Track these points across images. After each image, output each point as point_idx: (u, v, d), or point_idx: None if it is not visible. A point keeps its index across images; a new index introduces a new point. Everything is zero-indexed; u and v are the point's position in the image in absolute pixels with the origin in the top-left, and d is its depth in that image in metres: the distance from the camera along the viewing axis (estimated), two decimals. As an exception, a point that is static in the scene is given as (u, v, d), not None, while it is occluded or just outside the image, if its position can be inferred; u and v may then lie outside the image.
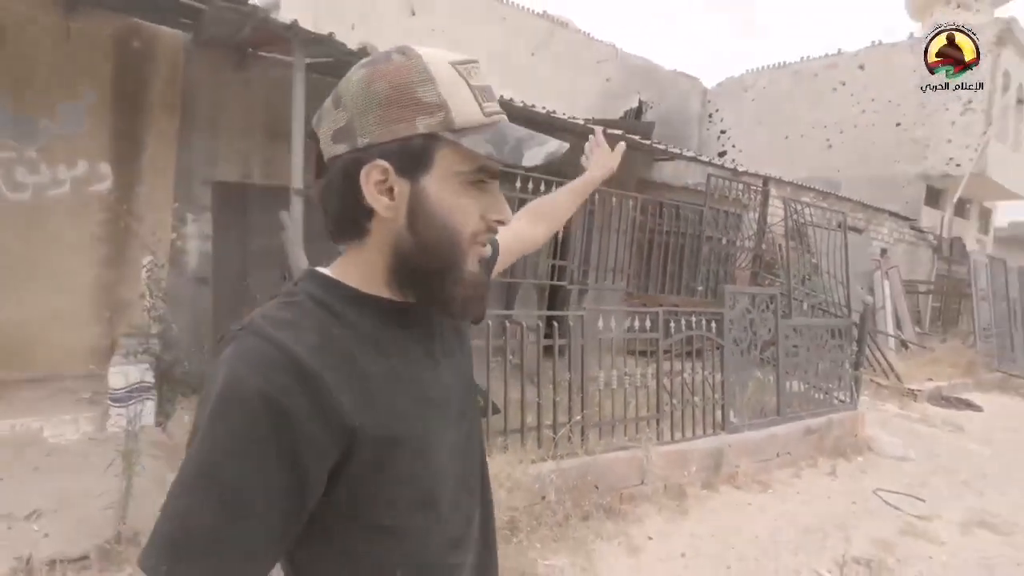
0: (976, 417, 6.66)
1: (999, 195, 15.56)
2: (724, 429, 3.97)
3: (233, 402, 0.51)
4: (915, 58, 14.28)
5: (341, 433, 0.54)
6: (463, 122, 0.57)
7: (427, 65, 0.57)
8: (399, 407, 0.59)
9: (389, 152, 0.57)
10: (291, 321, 0.56)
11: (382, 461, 0.57)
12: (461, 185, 0.59)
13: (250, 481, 0.51)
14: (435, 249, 0.59)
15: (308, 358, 0.53)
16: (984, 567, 3.14)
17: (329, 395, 0.53)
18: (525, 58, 12.47)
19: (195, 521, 0.50)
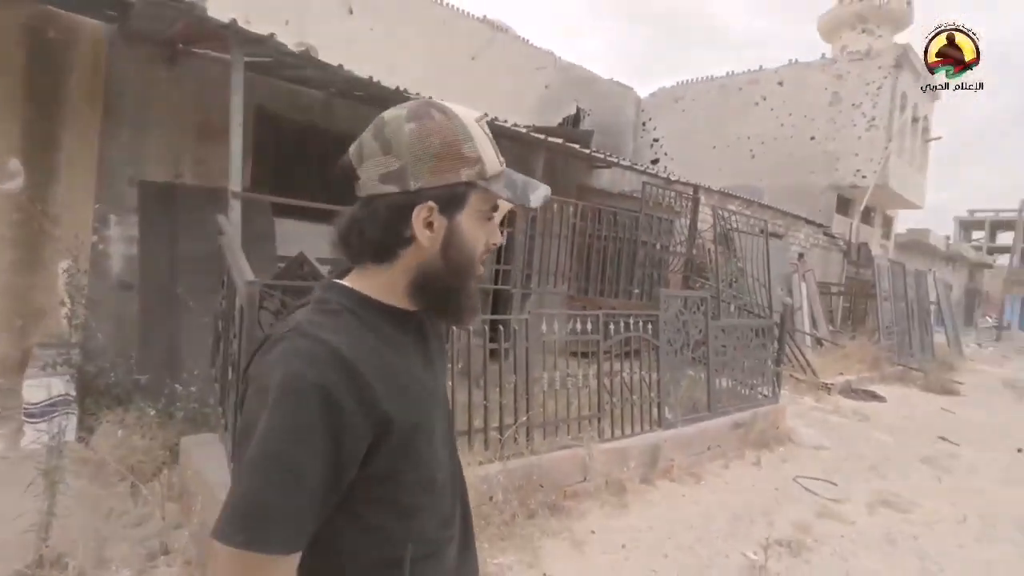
0: (880, 407, 7.32)
1: (898, 204, 17.11)
2: (660, 426, 4.18)
3: (292, 393, 0.62)
4: (826, 77, 15.50)
5: (377, 420, 0.65)
6: (493, 172, 0.73)
7: (465, 125, 0.71)
8: (416, 398, 0.72)
9: (438, 196, 0.70)
10: (330, 325, 0.68)
11: (405, 445, 0.69)
12: (480, 220, 0.74)
13: (307, 461, 0.62)
14: (461, 271, 0.74)
15: (350, 355, 0.65)
16: (888, 542, 3.49)
17: (369, 387, 0.65)
18: (465, 62, 12.50)
19: (264, 496, 0.61)
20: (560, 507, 3.28)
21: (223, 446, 2.89)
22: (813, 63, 15.93)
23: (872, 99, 14.61)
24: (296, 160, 5.17)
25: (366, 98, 4.57)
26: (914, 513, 4.00)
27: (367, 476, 0.67)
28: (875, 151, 14.43)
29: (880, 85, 14.53)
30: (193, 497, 2.69)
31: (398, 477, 0.70)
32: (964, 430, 6.70)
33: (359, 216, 0.72)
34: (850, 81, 14.98)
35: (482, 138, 0.72)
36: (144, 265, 4.22)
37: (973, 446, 6.04)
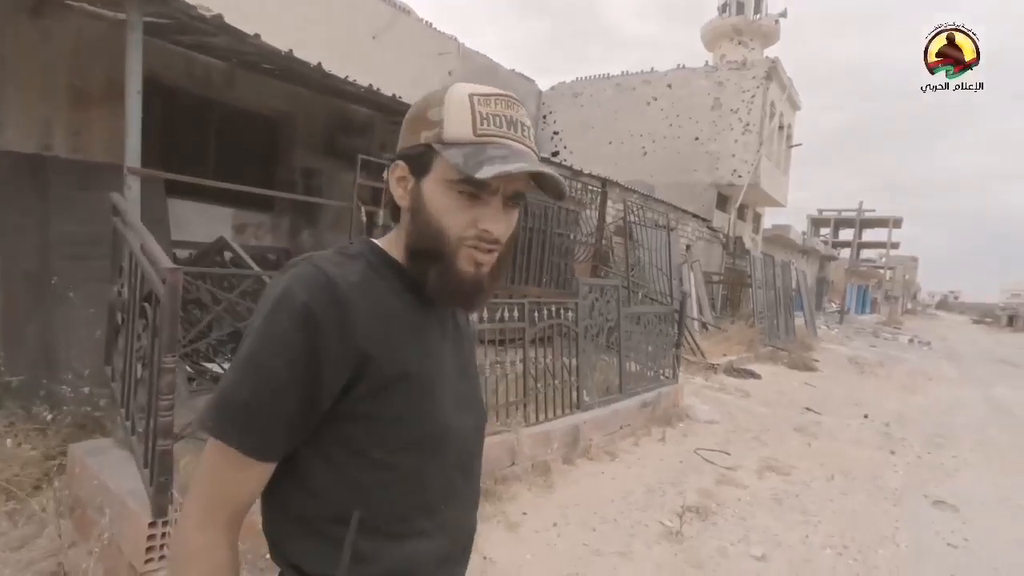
0: (757, 384, 8.20)
1: (767, 202, 19.09)
2: (579, 408, 4.38)
3: (283, 308, 0.65)
4: (709, 83, 16.84)
5: (356, 354, 0.66)
6: (451, 138, 0.68)
7: (447, 92, 0.70)
8: (410, 351, 0.71)
9: (404, 155, 0.73)
10: (341, 262, 0.70)
11: (387, 392, 0.68)
12: (453, 192, 0.69)
13: (281, 370, 0.64)
14: (424, 237, 0.71)
15: (346, 289, 0.66)
16: (775, 500, 3.95)
17: (354, 322, 0.66)
18: (367, 41, 12.01)
19: (237, 392, 0.66)
20: (492, 492, 3.34)
21: (127, 452, 2.60)
22: (698, 69, 17.22)
23: (747, 106, 16.12)
24: (191, 135, 4.71)
25: (276, 72, 4.26)
26: (793, 475, 4.56)
27: (342, 412, 0.67)
28: (749, 154, 15.98)
29: (754, 94, 16.07)
30: (94, 511, 2.40)
31: (373, 423, 0.68)
32: (824, 401, 7.72)
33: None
34: (729, 88, 16.40)
35: (458, 106, 0.69)
36: (5, 251, 3.63)
37: (831, 414, 6.98)
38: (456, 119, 0.69)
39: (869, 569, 3.14)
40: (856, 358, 13.13)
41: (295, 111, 5.13)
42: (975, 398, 10.30)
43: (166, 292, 2.01)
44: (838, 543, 3.40)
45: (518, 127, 0.71)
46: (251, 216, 5.11)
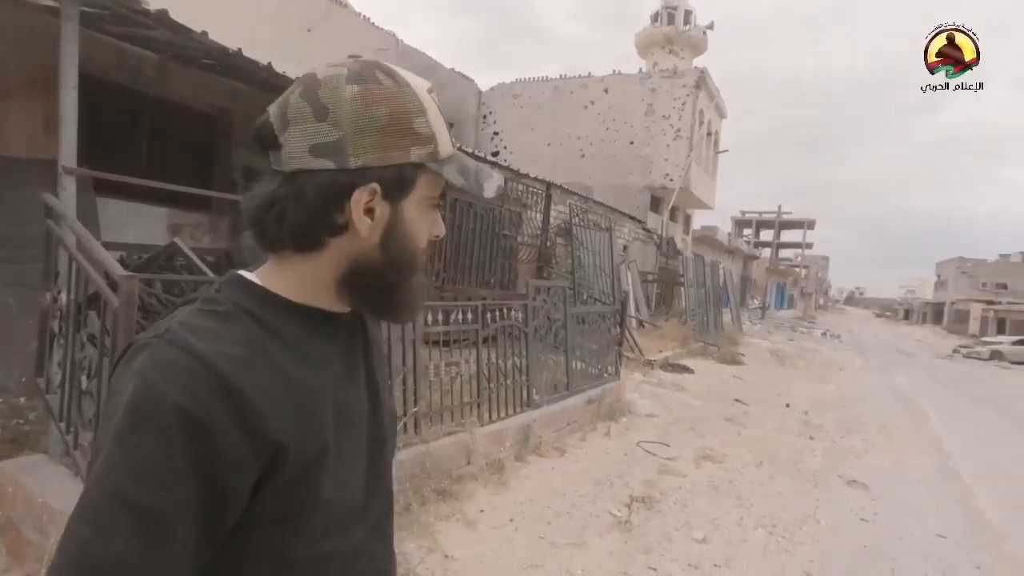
0: (691, 378, 8.66)
1: (697, 205, 20.08)
2: (530, 406, 4.51)
3: (146, 417, 0.49)
4: (643, 89, 17.50)
5: (264, 448, 0.52)
6: (446, 153, 0.62)
7: (418, 95, 0.60)
8: (324, 420, 0.59)
9: (382, 177, 0.58)
10: (214, 330, 0.54)
11: (306, 479, 0.56)
12: (427, 207, 0.63)
13: (166, 504, 0.48)
14: (404, 264, 0.62)
15: (232, 371, 0.51)
16: (712, 487, 4.25)
17: (252, 409, 0.51)
18: (300, 33, 11.64)
19: (104, 551, 0.47)
20: (449, 491, 3.39)
21: (65, 467, 2.47)
22: (632, 76, 17.86)
23: (678, 113, 16.89)
24: (120, 130, 4.44)
25: (217, 68, 4.10)
26: (726, 462, 4.89)
27: (252, 521, 0.54)
28: (680, 158, 16.76)
29: (684, 102, 16.86)
30: (32, 531, 2.27)
31: (294, 521, 0.57)
32: (750, 392, 8.28)
33: (280, 195, 0.58)
34: (661, 95, 17.12)
35: (435, 112, 0.61)
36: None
37: (757, 405, 7.51)
38: (441, 131, 0.61)
39: (795, 545, 3.45)
40: (777, 351, 14.10)
41: (235, 107, 4.95)
42: (878, 386, 11.35)
43: (120, 300, 1.94)
44: (768, 523, 3.71)
45: None
46: (187, 216, 4.88)
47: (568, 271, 7.25)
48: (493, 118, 19.07)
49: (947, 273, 51.21)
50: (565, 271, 6.99)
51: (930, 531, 3.89)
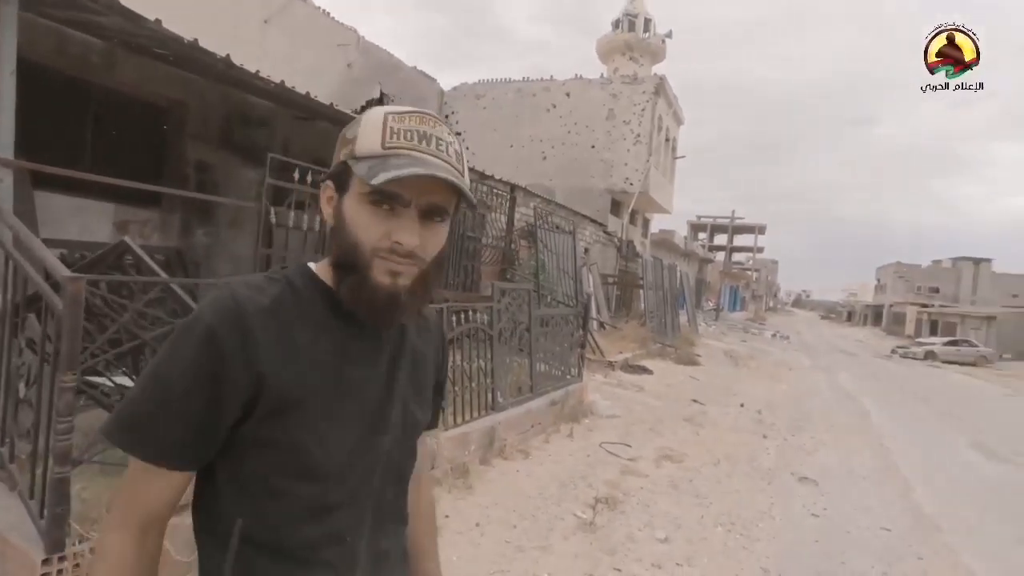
0: (650, 379, 8.83)
1: (655, 209, 20.53)
2: (494, 409, 4.49)
3: (189, 330, 0.69)
4: (604, 94, 17.77)
5: (253, 376, 0.67)
6: (362, 152, 0.70)
7: (368, 114, 0.73)
8: (313, 377, 0.71)
9: (331, 175, 0.75)
10: (258, 286, 0.72)
11: (284, 417, 0.69)
12: (367, 205, 0.70)
13: (179, 385, 0.67)
14: (343, 252, 0.72)
15: (252, 314, 0.68)
16: (672, 486, 4.34)
17: (255, 347, 0.68)
18: (256, 25, 11.29)
19: (139, 405, 0.69)
20: (413, 497, 3.34)
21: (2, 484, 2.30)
22: (594, 81, 18.11)
23: (638, 118, 17.22)
24: (62, 121, 4.19)
25: (169, 58, 3.91)
26: (685, 462, 5.01)
27: (244, 435, 0.69)
28: (640, 163, 17.09)
29: (644, 108, 17.21)
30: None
31: (271, 452, 0.70)
32: (707, 392, 8.51)
33: None
34: (622, 100, 17.42)
35: (372, 123, 0.71)
36: None
37: (713, 404, 7.72)
38: (368, 134, 0.71)
39: (752, 541, 3.56)
40: (731, 352, 14.56)
41: (188, 99, 4.73)
42: (825, 385, 11.87)
43: (65, 303, 1.82)
44: (727, 520, 3.81)
45: (432, 140, 0.71)
46: (135, 212, 4.64)
47: (532, 273, 7.28)
48: (456, 118, 18.95)
49: (886, 277, 54.13)
50: (529, 273, 7.02)
51: (875, 524, 4.09)
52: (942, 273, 50.32)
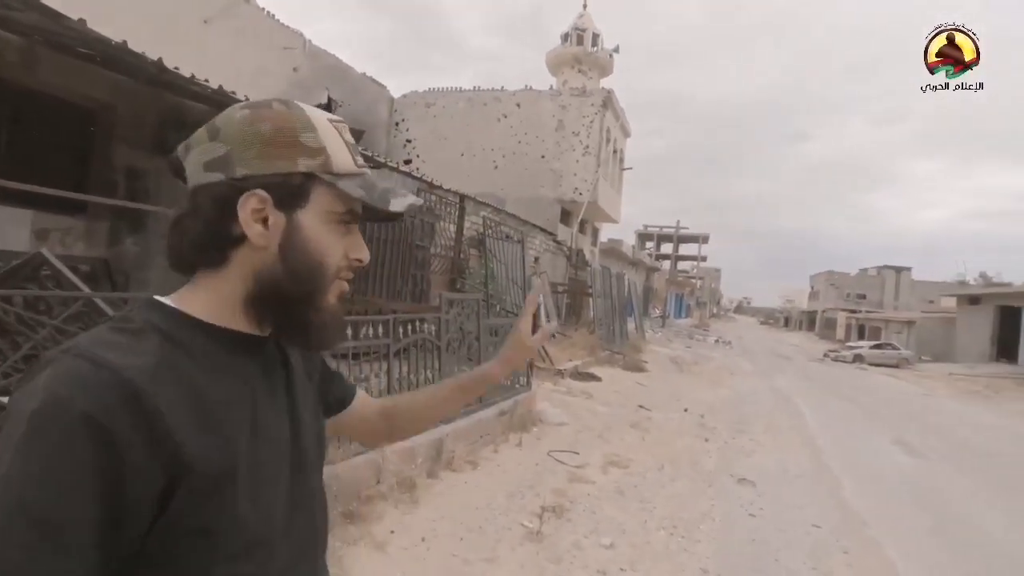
0: (598, 385, 8.99)
1: (604, 218, 20.99)
2: (442, 420, 4.46)
3: (51, 424, 0.48)
4: (554, 105, 18.07)
5: (169, 457, 0.52)
6: (340, 168, 0.64)
7: (309, 116, 0.64)
8: (237, 438, 0.58)
9: (268, 184, 0.61)
10: (123, 344, 0.55)
11: (214, 495, 0.55)
12: (332, 224, 0.64)
13: (68, 511, 0.48)
14: (304, 278, 0.63)
15: (140, 379, 0.51)
16: (618, 492, 4.42)
17: (161, 419, 0.51)
18: (196, 25, 10.90)
19: (7, 564, 0.46)
20: (357, 513, 3.27)
21: None
22: (544, 92, 18.40)
23: (587, 130, 17.61)
24: (-27, 121, 3.90)
25: (97, 58, 3.72)
26: (631, 467, 5.12)
27: (168, 536, 0.53)
28: (588, 173, 17.46)
29: (592, 120, 17.62)
30: None
31: (210, 537, 0.56)
32: (653, 398, 8.74)
33: (184, 212, 0.63)
34: (571, 112, 17.77)
35: (331, 134, 0.64)
36: None
37: (659, 410, 7.94)
38: (337, 147, 0.64)
39: (693, 543, 3.68)
40: (676, 358, 15.01)
41: (117, 102, 4.50)
42: (763, 388, 12.41)
43: (-29, 321, 1.69)
44: (669, 524, 3.92)
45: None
46: (57, 220, 4.36)
47: (481, 282, 7.29)
48: (405, 125, 18.84)
49: (818, 285, 57.32)
50: (478, 282, 7.02)
51: (807, 522, 4.30)
52: (868, 281, 53.73)
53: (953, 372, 20.40)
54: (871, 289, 51.93)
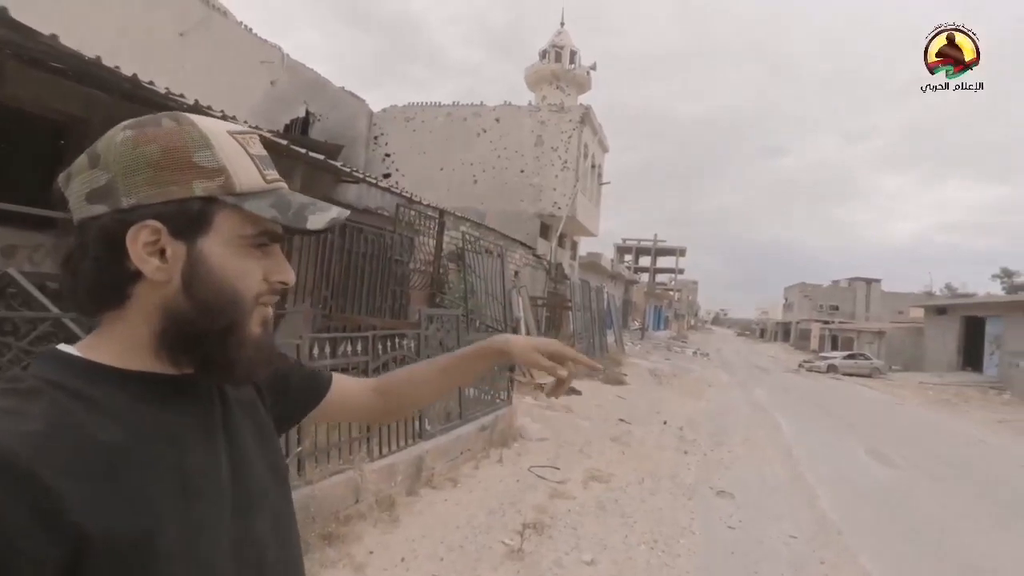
0: (579, 399, 9.00)
1: (582, 232, 21.14)
2: (422, 437, 4.42)
3: None
4: (533, 121, 18.25)
5: (63, 535, 0.45)
6: (244, 187, 0.58)
7: (203, 132, 0.58)
8: (158, 500, 0.52)
9: (161, 214, 0.55)
10: (10, 409, 0.48)
11: (129, 563, 0.49)
12: (243, 248, 0.59)
13: None
14: (216, 311, 0.57)
15: (23, 450, 0.45)
16: (600, 508, 4.42)
17: (47, 493, 0.45)
18: (171, 38, 10.79)
19: None
20: (336, 534, 3.21)
21: None
22: (523, 108, 18.59)
23: (565, 145, 17.80)
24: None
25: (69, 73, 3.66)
26: (612, 482, 5.13)
27: None
28: (567, 188, 17.62)
29: (571, 135, 17.83)
30: None
31: None
32: (633, 411, 8.78)
33: (71, 249, 0.57)
34: (550, 127, 17.97)
35: (231, 148, 0.58)
36: None
37: (639, 423, 7.98)
38: (240, 164, 0.58)
39: (673, 558, 3.69)
40: (655, 371, 15.13)
41: (91, 116, 4.42)
42: (741, 400, 12.57)
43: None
44: (650, 538, 3.93)
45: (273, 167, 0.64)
46: (24, 236, 4.24)
47: (460, 297, 7.29)
48: (385, 139, 18.84)
49: (793, 296, 58.44)
50: (458, 297, 7.02)
51: (785, 533, 4.35)
52: (840, 292, 54.96)
53: (923, 381, 20.92)
54: (843, 300, 53.13)
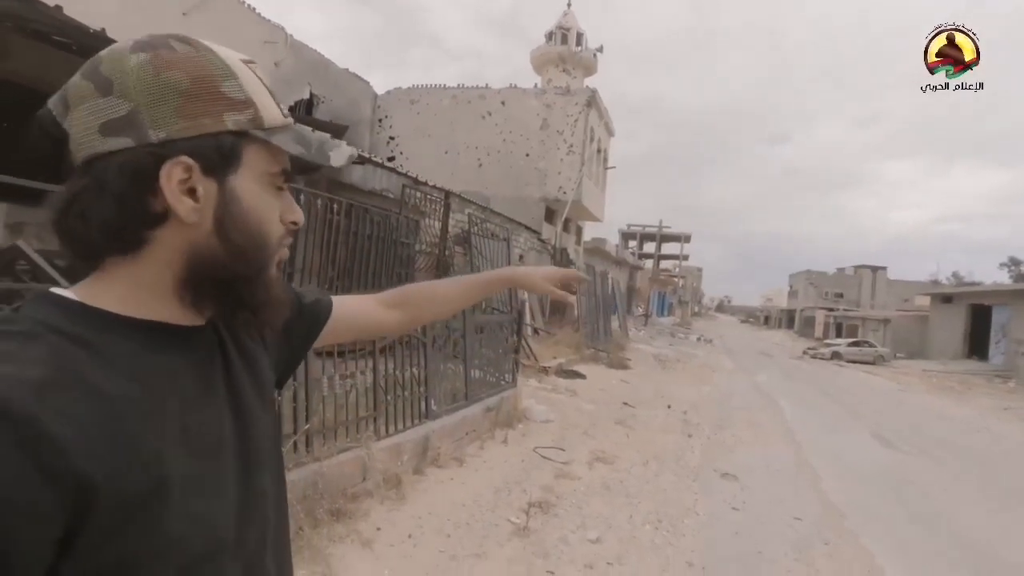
0: (583, 383, 9.03)
1: (588, 217, 21.05)
2: (428, 417, 4.44)
3: None
4: (538, 104, 18.07)
5: (67, 486, 0.43)
6: (272, 122, 0.55)
7: (224, 60, 0.54)
8: (166, 453, 0.49)
9: (194, 149, 0.51)
10: (7, 353, 0.44)
11: (137, 516, 0.46)
12: (271, 188, 0.57)
13: None
14: (249, 253, 0.54)
15: (24, 396, 0.42)
16: (604, 487, 4.45)
17: (50, 442, 0.42)
18: (175, 17, 10.70)
19: None
20: (344, 511, 3.24)
21: None
22: (529, 90, 18.39)
23: (571, 129, 17.64)
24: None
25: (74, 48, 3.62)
26: (617, 463, 5.15)
27: (82, 567, 0.44)
28: (573, 172, 17.49)
29: (576, 119, 17.66)
30: None
31: (137, 569, 0.47)
32: (637, 395, 8.80)
33: (78, 190, 0.50)
34: (556, 111, 17.79)
35: (251, 79, 0.55)
36: None
37: (644, 407, 8.00)
38: (264, 98, 0.55)
39: (678, 537, 3.71)
40: (660, 356, 15.14)
41: (95, 93, 4.40)
42: (745, 385, 12.59)
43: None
44: (654, 518, 3.95)
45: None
46: (32, 213, 4.23)
47: (466, 280, 7.29)
48: (389, 122, 18.71)
49: (797, 284, 58.24)
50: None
51: (788, 515, 4.37)
52: (845, 280, 54.73)
53: (927, 369, 20.90)
54: (848, 288, 52.92)
